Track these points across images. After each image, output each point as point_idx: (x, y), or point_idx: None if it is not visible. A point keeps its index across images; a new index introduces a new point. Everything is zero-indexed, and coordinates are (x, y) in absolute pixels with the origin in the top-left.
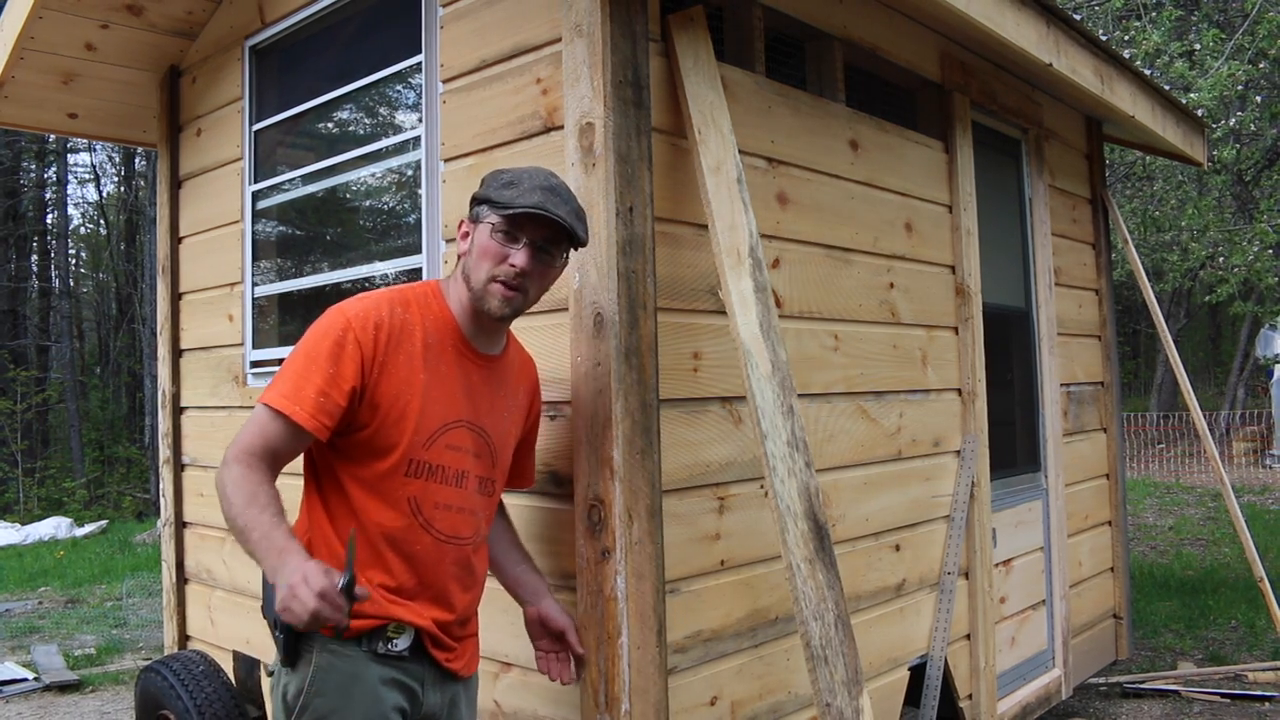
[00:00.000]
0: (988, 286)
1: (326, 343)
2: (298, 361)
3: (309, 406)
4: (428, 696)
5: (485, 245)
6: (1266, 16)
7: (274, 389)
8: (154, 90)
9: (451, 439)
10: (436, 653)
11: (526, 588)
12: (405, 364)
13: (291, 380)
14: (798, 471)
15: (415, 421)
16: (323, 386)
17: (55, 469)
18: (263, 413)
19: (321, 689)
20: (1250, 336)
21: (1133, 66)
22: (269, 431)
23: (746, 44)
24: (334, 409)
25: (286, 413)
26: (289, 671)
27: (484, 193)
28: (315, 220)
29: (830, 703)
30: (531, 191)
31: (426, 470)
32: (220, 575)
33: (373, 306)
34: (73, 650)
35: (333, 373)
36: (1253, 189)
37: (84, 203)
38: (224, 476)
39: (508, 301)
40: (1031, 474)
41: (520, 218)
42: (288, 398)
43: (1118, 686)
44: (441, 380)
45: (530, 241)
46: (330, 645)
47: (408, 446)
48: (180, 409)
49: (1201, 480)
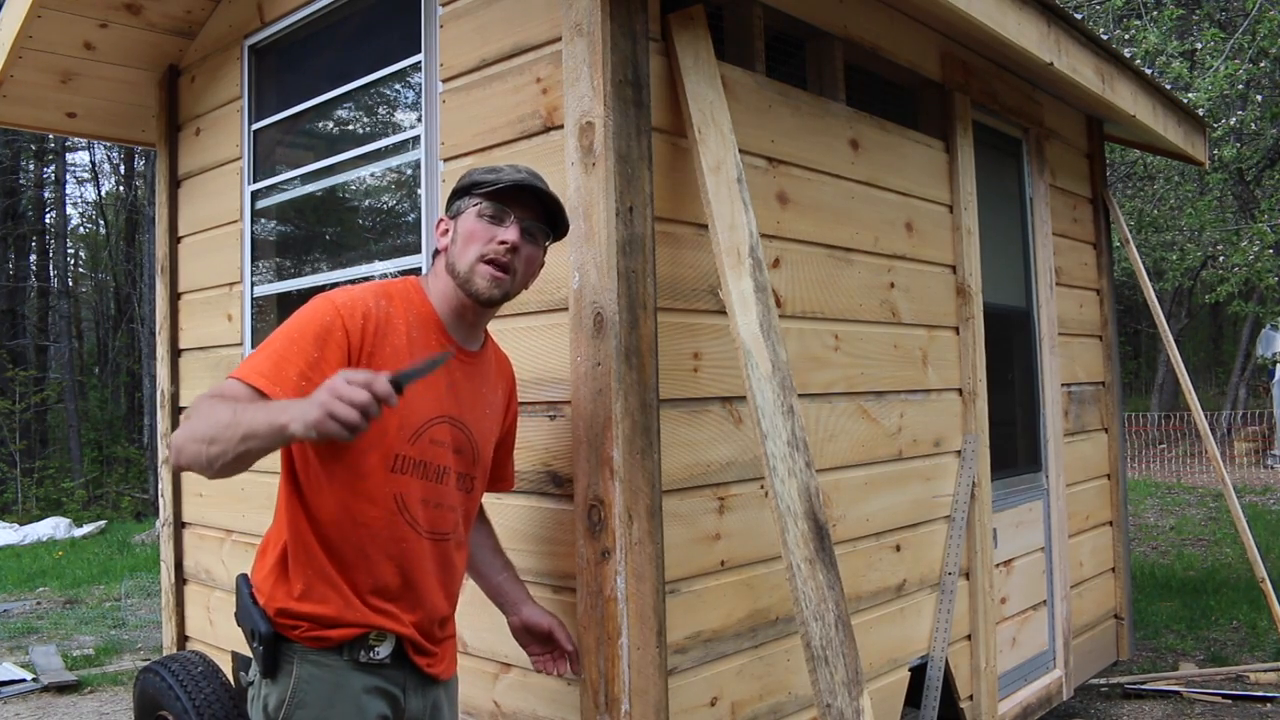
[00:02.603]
0: (988, 286)
1: (312, 327)
2: (278, 342)
3: (289, 389)
4: (410, 703)
5: (471, 229)
6: (1267, 15)
7: (250, 366)
8: (153, 89)
9: (435, 434)
10: (418, 659)
11: (508, 597)
12: (391, 356)
13: (271, 360)
14: (798, 471)
15: (401, 416)
16: (304, 370)
17: (54, 469)
18: (235, 387)
19: (304, 700)
20: (1252, 336)
21: (1134, 66)
22: (239, 399)
23: (747, 43)
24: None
25: (264, 390)
26: (269, 683)
27: (464, 183)
28: (314, 220)
29: (831, 703)
30: (515, 172)
31: (411, 465)
32: (219, 575)
33: (359, 297)
34: (71, 651)
35: (316, 357)
36: (1254, 188)
37: (83, 202)
38: (185, 418)
39: (497, 282)
40: (1032, 474)
41: (508, 193)
42: (266, 376)
43: (1119, 687)
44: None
45: (518, 220)
46: (311, 656)
47: (393, 441)
48: (179, 409)
49: (1203, 480)
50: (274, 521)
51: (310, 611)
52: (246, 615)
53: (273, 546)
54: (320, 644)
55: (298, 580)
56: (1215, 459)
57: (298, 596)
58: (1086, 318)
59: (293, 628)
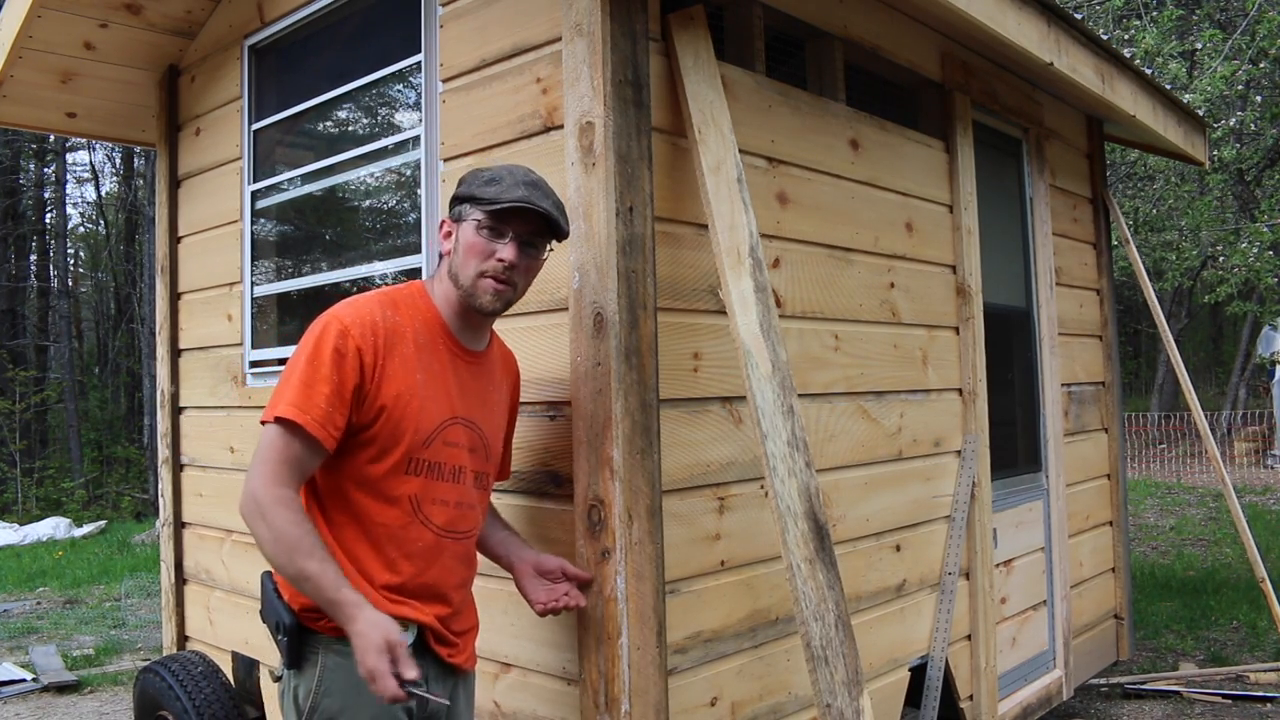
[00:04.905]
0: (988, 286)
1: (327, 349)
2: (300, 371)
3: (319, 416)
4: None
5: (472, 242)
6: (1266, 16)
7: (282, 400)
8: (153, 89)
9: (449, 436)
10: (439, 649)
11: (513, 548)
12: (401, 365)
13: (296, 389)
14: (798, 471)
15: (415, 421)
16: (330, 395)
17: (54, 469)
18: (275, 432)
19: (330, 688)
20: (1252, 336)
21: (1133, 66)
22: (286, 449)
23: (747, 43)
24: (340, 419)
25: (301, 423)
26: (296, 674)
27: (466, 191)
28: (314, 220)
29: (831, 703)
30: (515, 187)
31: (426, 468)
32: (219, 576)
33: (366, 310)
34: (71, 651)
35: (338, 381)
36: (1254, 189)
37: (83, 202)
38: (260, 516)
39: (499, 295)
40: (1032, 474)
41: (506, 213)
42: (299, 408)
43: (1119, 687)
44: (435, 378)
45: (516, 235)
46: (335, 645)
47: (408, 446)
48: (179, 409)
49: (1203, 480)
50: None
51: None
52: (271, 609)
53: None
54: (344, 633)
55: None
56: (1215, 459)
57: None
58: (1086, 318)
59: (316, 618)
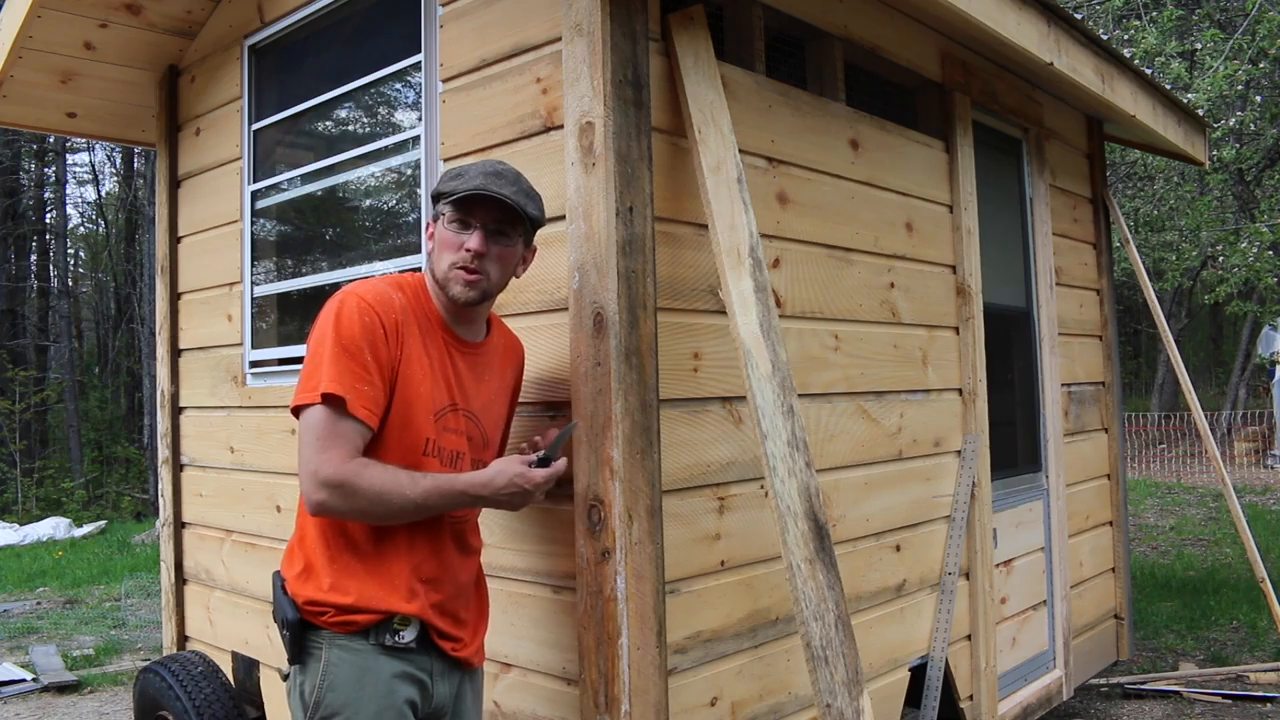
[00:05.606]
0: (988, 286)
1: (355, 327)
2: (329, 348)
3: (359, 391)
4: (437, 688)
5: (443, 237)
6: (1267, 16)
7: (320, 378)
8: (153, 89)
9: (448, 422)
10: (443, 643)
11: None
12: (415, 346)
13: (333, 366)
14: (798, 471)
15: (425, 402)
16: (362, 371)
17: (54, 469)
18: (321, 412)
19: (334, 683)
20: (1252, 336)
21: (1133, 66)
22: (336, 425)
23: (747, 43)
24: (382, 398)
25: (342, 395)
26: (301, 669)
27: (436, 188)
28: (315, 220)
29: (831, 703)
30: (475, 177)
31: (436, 450)
32: (219, 576)
33: (383, 291)
34: (71, 651)
35: (369, 359)
36: (1254, 189)
37: (83, 202)
38: (350, 497)
39: (470, 285)
40: (1032, 474)
41: (466, 202)
42: (338, 382)
43: (1119, 687)
44: (437, 365)
45: (482, 225)
46: (339, 640)
47: (420, 426)
48: (179, 409)
49: (1203, 480)
50: (299, 518)
51: (337, 600)
52: (279, 607)
53: (300, 543)
54: (347, 629)
55: (326, 573)
56: (1215, 459)
57: (327, 588)
58: (1086, 318)
59: (319, 614)
